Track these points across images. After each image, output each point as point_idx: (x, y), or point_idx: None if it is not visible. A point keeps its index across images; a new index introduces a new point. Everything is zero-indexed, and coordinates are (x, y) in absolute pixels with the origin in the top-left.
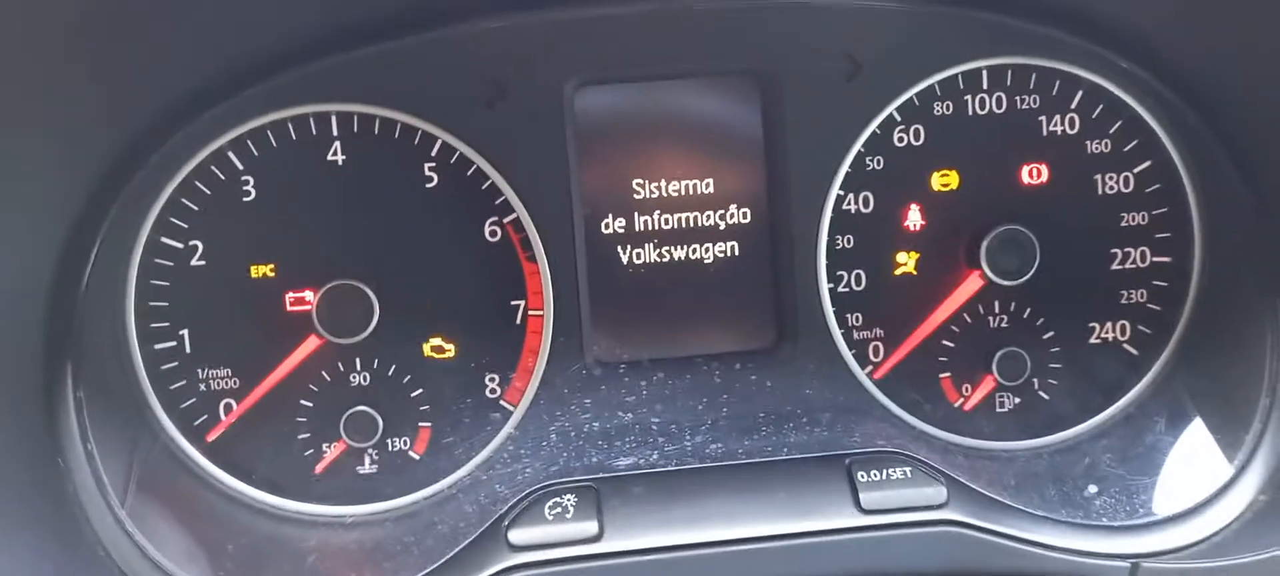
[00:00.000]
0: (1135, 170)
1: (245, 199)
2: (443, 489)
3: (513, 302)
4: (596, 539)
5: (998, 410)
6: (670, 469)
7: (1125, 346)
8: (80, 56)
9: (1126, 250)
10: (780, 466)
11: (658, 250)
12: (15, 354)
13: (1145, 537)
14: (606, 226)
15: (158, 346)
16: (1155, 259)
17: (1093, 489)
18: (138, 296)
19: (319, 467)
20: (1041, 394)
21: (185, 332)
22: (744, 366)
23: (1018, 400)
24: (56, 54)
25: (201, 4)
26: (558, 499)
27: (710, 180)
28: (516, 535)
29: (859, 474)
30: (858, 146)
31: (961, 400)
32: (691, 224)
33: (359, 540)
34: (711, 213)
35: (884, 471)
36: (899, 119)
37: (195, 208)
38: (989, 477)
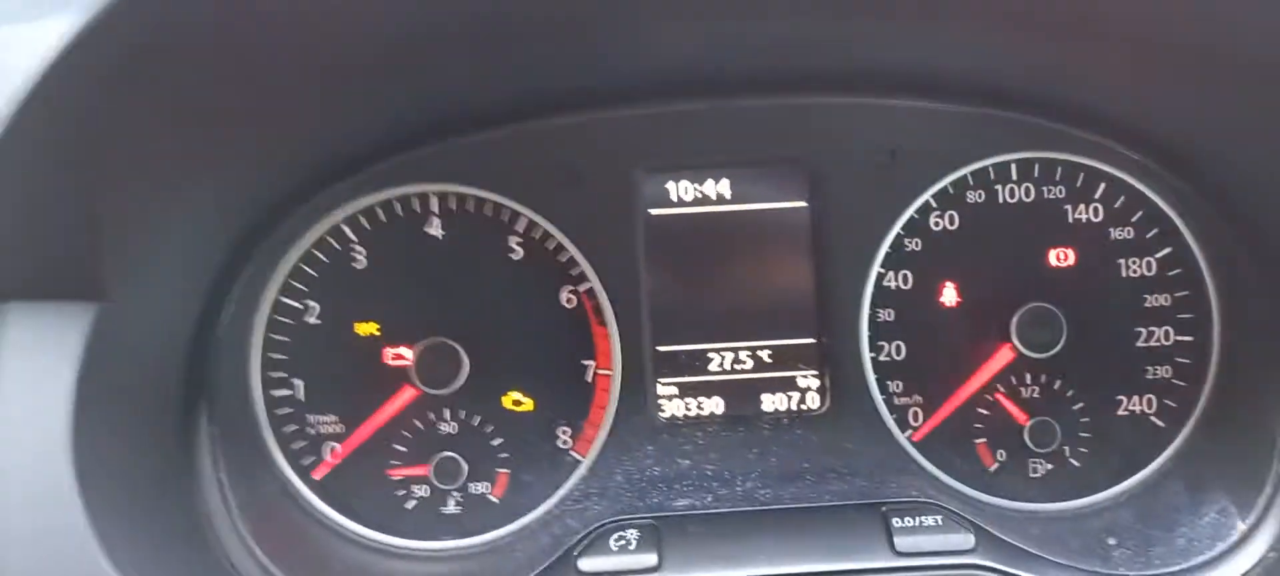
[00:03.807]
0: (1156, 255)
1: (355, 266)
2: (520, 527)
3: (583, 362)
4: (656, 570)
5: (1030, 475)
6: (723, 510)
7: (1152, 419)
8: (235, 140)
9: (1151, 329)
10: (822, 512)
11: (716, 320)
12: (162, 388)
13: None
14: (670, 296)
15: (275, 393)
16: (1178, 337)
17: (1112, 541)
18: (263, 349)
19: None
20: (1072, 461)
21: (300, 382)
22: (792, 424)
23: (1050, 466)
24: (215, 136)
25: (332, 102)
26: (622, 533)
27: (763, 257)
28: (585, 564)
29: (894, 520)
30: (897, 230)
31: (996, 465)
32: (747, 296)
33: (448, 569)
34: (764, 287)
35: (917, 519)
36: (935, 205)
37: (314, 273)
38: (1014, 529)
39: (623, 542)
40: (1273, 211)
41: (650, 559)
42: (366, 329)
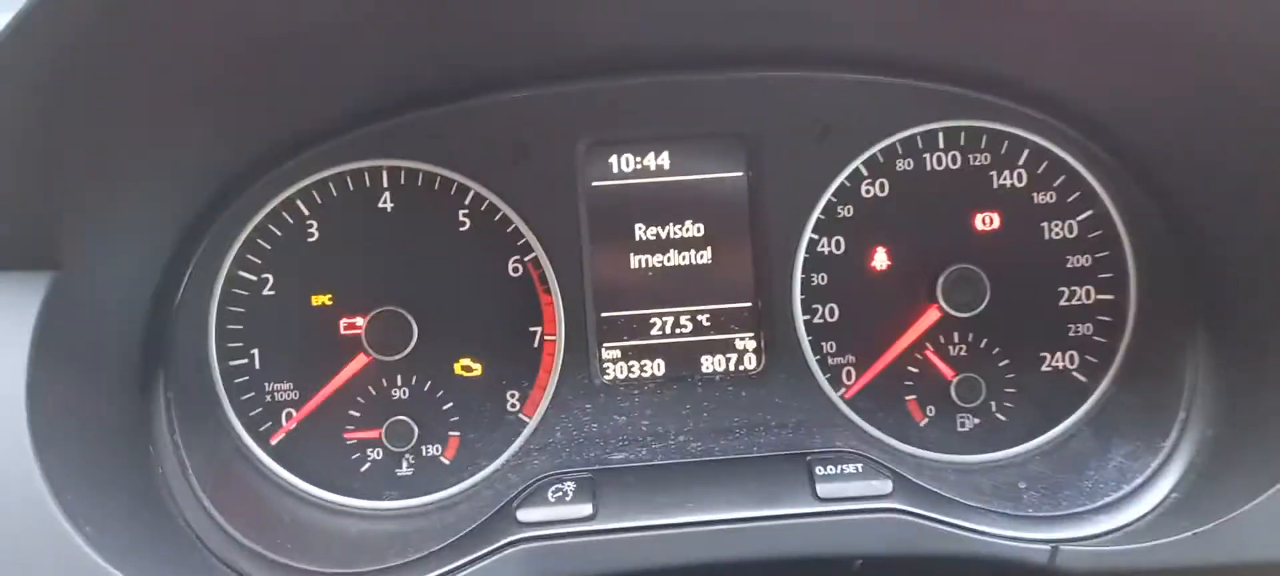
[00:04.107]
0: (1078, 218)
1: (309, 239)
2: (467, 487)
3: (530, 328)
4: (591, 518)
5: (958, 430)
6: (656, 463)
7: (1074, 373)
8: (191, 118)
9: (1073, 288)
10: (751, 463)
11: (657, 287)
12: (121, 356)
13: (1066, 527)
14: (612, 266)
15: (232, 362)
16: (1099, 296)
17: (1022, 485)
18: (218, 320)
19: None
20: (998, 415)
21: (255, 351)
22: (726, 382)
23: (977, 421)
24: (174, 115)
25: (284, 81)
26: (559, 485)
27: (701, 226)
28: (523, 514)
29: (816, 468)
30: (828, 197)
31: (926, 420)
32: (686, 263)
33: (396, 525)
34: (703, 254)
35: (839, 466)
36: (865, 173)
37: (268, 246)
38: (931, 475)
39: (560, 493)
40: (1183, 176)
41: (585, 508)
42: (320, 299)
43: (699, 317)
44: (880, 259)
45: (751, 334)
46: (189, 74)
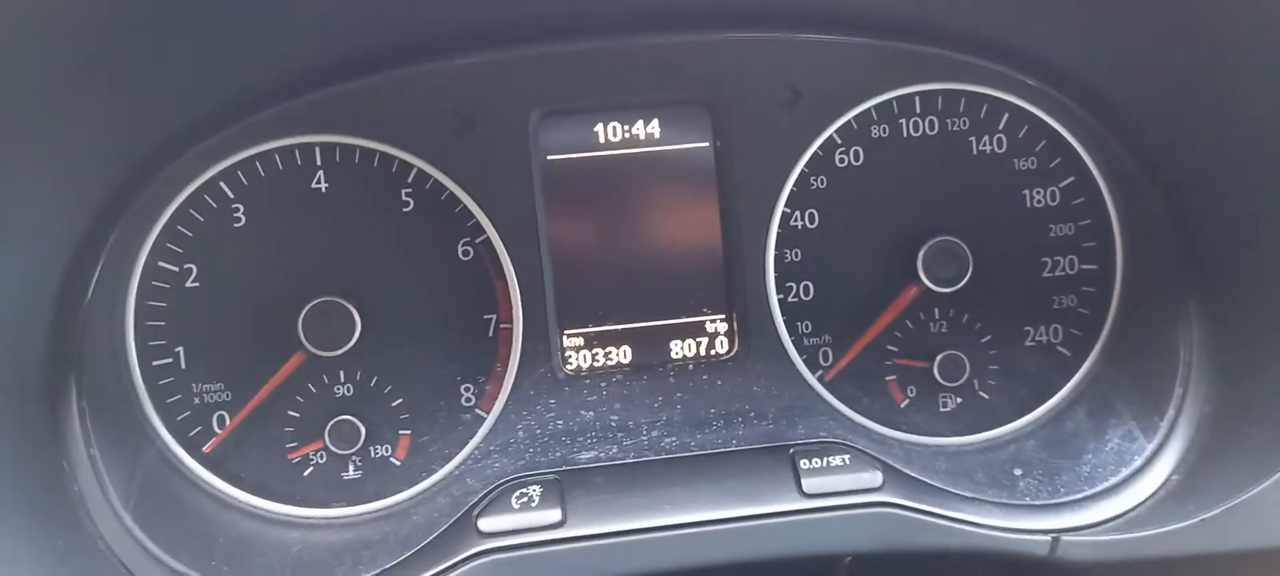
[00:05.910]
0: (1060, 184)
1: (236, 224)
2: (420, 491)
3: (485, 316)
4: (560, 525)
5: (941, 410)
6: (628, 461)
7: (1058, 348)
8: (86, 89)
9: (1056, 259)
10: (729, 457)
11: (620, 267)
12: (23, 362)
13: (1066, 515)
14: (571, 245)
15: (155, 362)
16: (1083, 266)
17: (1017, 471)
18: (137, 316)
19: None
20: (981, 394)
21: (181, 349)
22: (698, 369)
23: (960, 400)
24: (65, 87)
25: (196, 44)
26: (524, 490)
27: (666, 200)
28: (485, 523)
29: (801, 461)
30: (801, 167)
31: (907, 401)
32: (651, 241)
33: (341, 536)
34: (669, 230)
35: (825, 459)
36: (839, 141)
37: (190, 233)
38: (922, 464)
39: (525, 499)
40: (1170, 134)
41: (553, 514)
42: (251, 290)
43: (666, 299)
44: (856, 232)
45: (722, 315)
46: (76, 35)
